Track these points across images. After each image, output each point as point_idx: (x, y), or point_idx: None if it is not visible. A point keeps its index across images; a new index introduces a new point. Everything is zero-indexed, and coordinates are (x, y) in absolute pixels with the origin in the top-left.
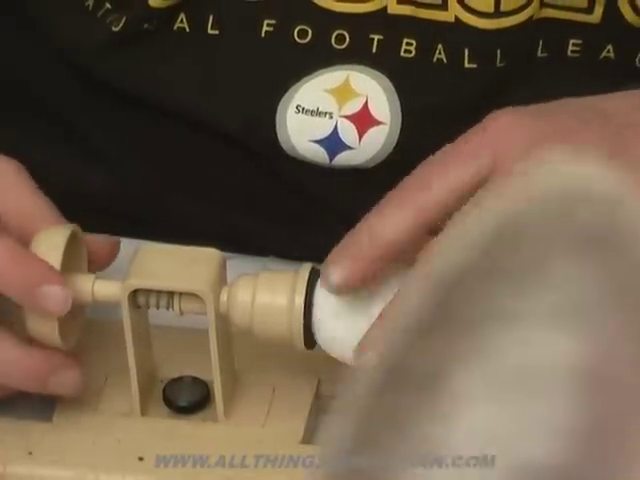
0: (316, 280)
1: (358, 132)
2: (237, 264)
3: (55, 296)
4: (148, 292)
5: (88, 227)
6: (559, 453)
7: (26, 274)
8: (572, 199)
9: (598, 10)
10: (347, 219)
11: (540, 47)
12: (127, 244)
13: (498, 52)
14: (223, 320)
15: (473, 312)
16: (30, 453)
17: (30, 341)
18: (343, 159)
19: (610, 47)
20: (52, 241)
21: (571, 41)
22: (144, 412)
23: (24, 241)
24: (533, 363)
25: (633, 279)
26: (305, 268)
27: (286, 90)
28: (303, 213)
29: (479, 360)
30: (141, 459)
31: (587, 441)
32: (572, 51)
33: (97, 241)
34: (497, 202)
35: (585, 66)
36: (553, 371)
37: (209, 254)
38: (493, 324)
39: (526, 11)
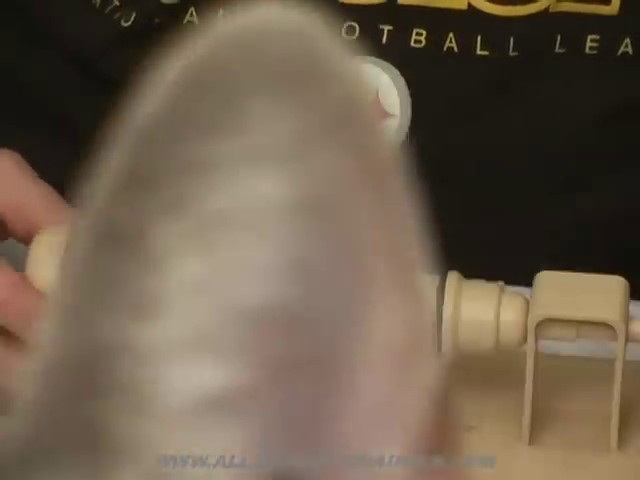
0: None
1: None
2: None
3: None
4: None
5: None
6: (280, 291)
7: (27, 306)
8: (257, 37)
9: (616, 0)
10: None
11: (558, 43)
12: None
13: (511, 40)
14: None
15: (167, 166)
16: None
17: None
18: None
19: (628, 41)
20: (52, 241)
21: (589, 37)
22: None
23: (29, 234)
24: (234, 205)
25: (337, 112)
26: None
27: None
28: None
29: (178, 211)
30: None
31: (316, 274)
32: (590, 47)
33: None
34: (178, 54)
35: (603, 63)
36: (260, 209)
37: None
38: (187, 174)
39: (542, 1)
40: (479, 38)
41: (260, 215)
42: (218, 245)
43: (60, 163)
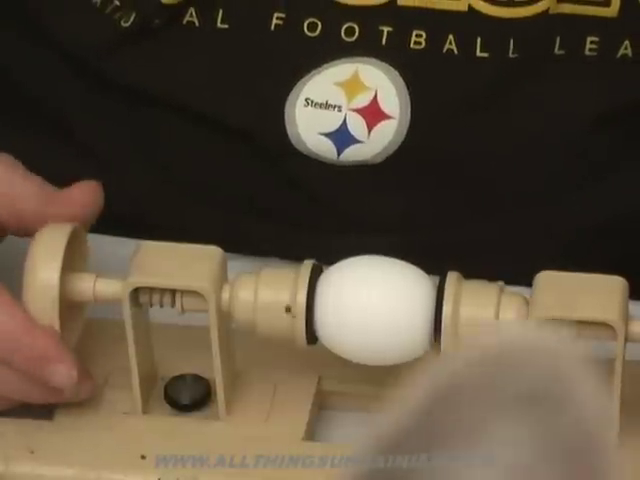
0: (318, 276)
1: (367, 126)
2: (237, 264)
3: (62, 374)
4: (149, 290)
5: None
6: None
7: (36, 350)
8: (502, 356)
9: (615, 2)
10: (347, 220)
11: (557, 44)
12: (127, 244)
13: (511, 42)
14: (224, 317)
15: (412, 476)
16: (32, 452)
17: None
18: (351, 154)
19: (627, 43)
20: (53, 239)
21: (588, 39)
22: (146, 410)
23: (22, 228)
24: None
25: (570, 438)
26: (307, 265)
27: (295, 83)
28: (304, 213)
29: None
30: (143, 457)
31: None
32: (590, 49)
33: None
34: (437, 364)
35: (602, 65)
36: None
37: (210, 251)
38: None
39: (542, 3)
40: (479, 40)
41: None
42: None
43: (57, 164)
